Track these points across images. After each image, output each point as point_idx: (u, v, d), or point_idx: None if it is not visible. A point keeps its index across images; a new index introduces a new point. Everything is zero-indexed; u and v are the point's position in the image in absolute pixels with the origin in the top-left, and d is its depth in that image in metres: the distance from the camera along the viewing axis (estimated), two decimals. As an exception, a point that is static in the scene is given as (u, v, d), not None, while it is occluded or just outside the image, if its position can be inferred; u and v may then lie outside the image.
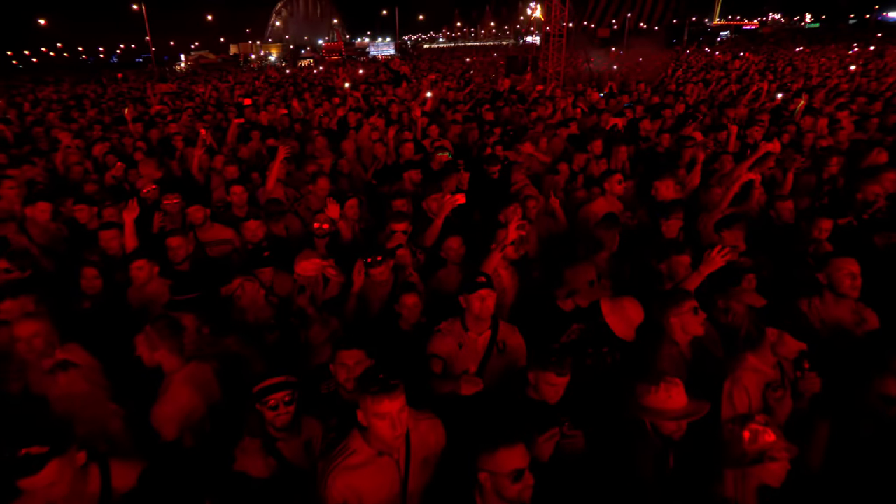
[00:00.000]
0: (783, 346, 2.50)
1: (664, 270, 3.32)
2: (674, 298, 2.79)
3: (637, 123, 7.79)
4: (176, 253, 4.03)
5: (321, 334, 3.29)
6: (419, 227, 4.15)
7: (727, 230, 3.73)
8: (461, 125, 8.37)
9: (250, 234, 4.23)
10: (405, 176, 5.31)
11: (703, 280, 3.00)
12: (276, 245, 4.44)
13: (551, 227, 4.68)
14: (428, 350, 2.90)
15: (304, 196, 5.18)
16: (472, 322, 2.90)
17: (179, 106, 12.04)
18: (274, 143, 7.29)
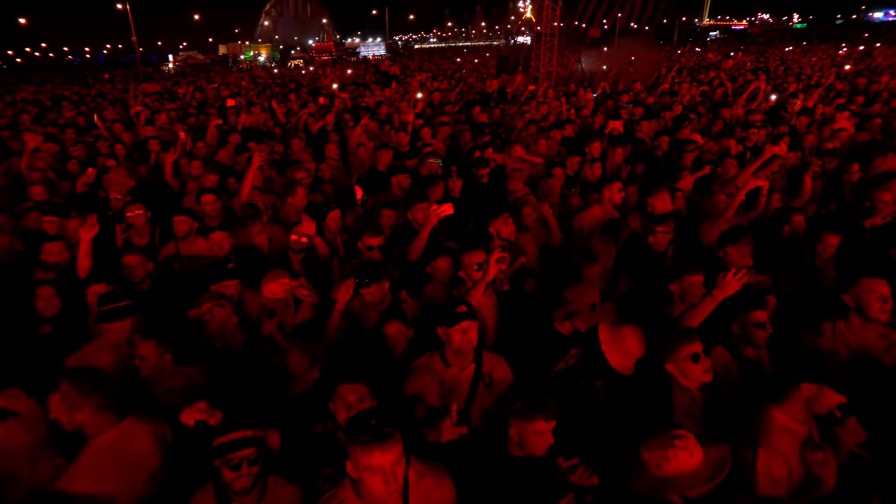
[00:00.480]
0: (822, 401, 2.15)
1: (675, 291, 3.02)
2: (670, 342, 2.46)
3: (635, 125, 7.53)
4: (133, 272, 3.66)
5: (303, 361, 2.97)
6: (405, 238, 3.85)
7: (732, 245, 3.45)
8: (451, 127, 8.08)
9: (216, 247, 3.90)
10: (393, 181, 5.00)
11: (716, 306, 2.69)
12: (252, 258, 4.13)
13: (546, 237, 4.40)
14: (405, 391, 2.56)
15: (282, 206, 4.86)
16: (454, 356, 2.59)
17: (159, 108, 11.63)
18: (255, 147, 6.98)
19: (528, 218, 4.22)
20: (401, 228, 4.15)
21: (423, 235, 3.68)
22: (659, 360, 2.45)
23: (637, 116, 8.36)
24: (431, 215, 3.62)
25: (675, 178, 5.15)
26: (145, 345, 2.76)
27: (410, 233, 3.88)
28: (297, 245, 3.77)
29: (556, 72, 15.58)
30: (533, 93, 11.60)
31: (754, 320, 2.62)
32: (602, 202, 4.60)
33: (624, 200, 4.89)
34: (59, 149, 7.22)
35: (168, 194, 5.66)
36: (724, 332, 2.71)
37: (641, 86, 12.79)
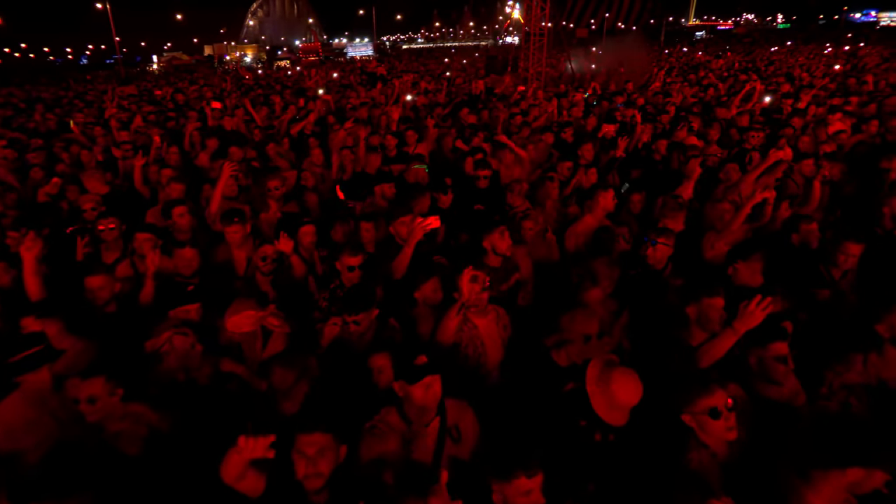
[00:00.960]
0: (869, 483, 1.74)
1: (692, 315, 2.70)
2: (687, 390, 2.13)
3: (630, 128, 7.29)
4: (96, 294, 3.32)
5: (287, 376, 2.65)
6: (388, 254, 3.55)
7: (743, 262, 3.18)
8: (438, 130, 7.79)
9: (184, 265, 3.54)
10: (376, 191, 4.69)
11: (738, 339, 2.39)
12: (225, 277, 3.81)
13: (546, 254, 4.12)
14: (362, 458, 2.21)
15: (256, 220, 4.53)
16: (416, 413, 2.27)
17: (137, 110, 11.20)
18: (235, 151, 6.63)
19: (529, 232, 3.93)
20: (384, 243, 3.86)
21: (407, 251, 3.38)
22: (677, 409, 2.14)
23: (632, 120, 8.13)
24: (416, 229, 3.32)
25: (678, 186, 4.90)
26: (92, 383, 2.43)
27: (393, 248, 3.59)
28: (264, 266, 3.46)
29: (546, 72, 15.39)
30: (523, 93, 11.35)
31: (774, 353, 2.35)
32: (594, 211, 4.33)
33: (626, 209, 4.66)
34: (16, 155, 6.80)
35: (139, 203, 5.31)
36: (740, 366, 2.43)
37: (634, 86, 12.61)
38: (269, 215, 4.39)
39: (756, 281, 3.06)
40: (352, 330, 2.84)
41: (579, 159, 5.96)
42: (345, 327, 2.86)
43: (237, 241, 3.90)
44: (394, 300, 3.33)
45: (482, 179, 5.18)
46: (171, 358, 2.76)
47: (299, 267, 3.59)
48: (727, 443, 2.09)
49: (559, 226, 4.58)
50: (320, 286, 3.65)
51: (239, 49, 70.72)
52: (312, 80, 14.79)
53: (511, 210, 4.61)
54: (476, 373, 2.86)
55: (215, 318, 3.06)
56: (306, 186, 5.73)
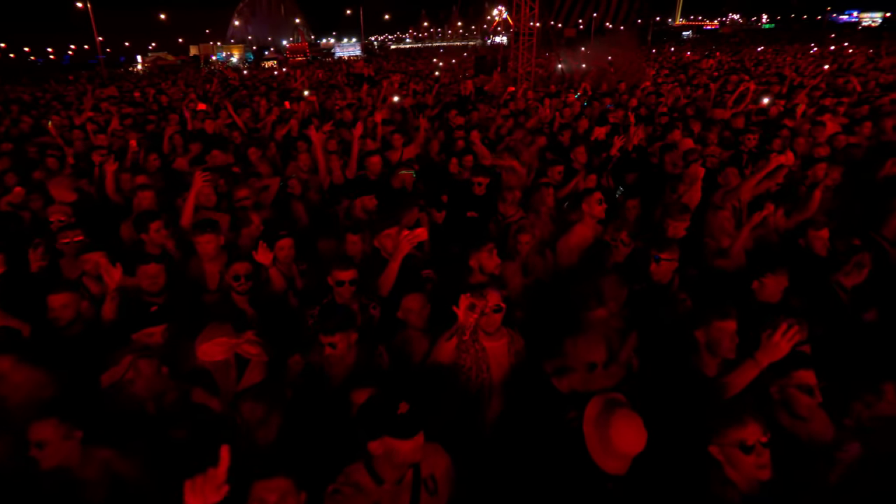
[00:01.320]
0: None
1: (701, 339, 2.47)
2: (715, 420, 1.92)
3: (622, 130, 7.12)
4: (59, 314, 3.05)
5: (256, 408, 2.42)
6: (373, 270, 3.32)
7: (773, 275, 2.94)
8: (427, 132, 7.55)
9: (149, 283, 3.25)
10: (357, 203, 4.43)
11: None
12: (196, 295, 3.55)
13: (544, 269, 3.90)
14: None
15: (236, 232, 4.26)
16: (390, 471, 1.97)
17: (115, 113, 10.82)
18: (219, 155, 6.33)
19: (525, 246, 3.71)
20: (368, 257, 3.63)
21: (393, 267, 3.16)
22: (701, 438, 1.92)
23: (625, 121, 7.97)
24: (403, 242, 3.10)
25: (674, 190, 4.73)
26: (42, 426, 2.17)
27: (378, 263, 3.36)
28: (239, 286, 3.21)
29: (535, 72, 15.21)
30: (512, 94, 11.16)
31: (799, 382, 2.12)
32: (584, 219, 4.10)
33: (622, 216, 4.46)
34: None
35: (113, 213, 5.00)
36: (760, 395, 2.22)
37: (626, 86, 12.47)
38: (251, 229, 4.12)
39: (777, 297, 2.87)
40: (327, 353, 2.60)
41: (572, 163, 5.77)
42: (320, 350, 2.63)
43: (209, 252, 3.63)
44: (384, 322, 3.11)
45: (478, 186, 4.96)
46: (138, 385, 2.50)
47: (278, 281, 3.34)
48: (757, 482, 1.87)
49: (556, 235, 4.38)
50: (302, 302, 3.42)
51: (225, 49, 69.93)
52: (298, 82, 14.46)
53: (504, 220, 4.39)
54: (475, 399, 2.64)
55: (186, 340, 2.81)
56: (293, 194, 5.48)
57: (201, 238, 3.61)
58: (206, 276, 3.63)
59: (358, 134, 5.82)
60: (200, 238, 3.61)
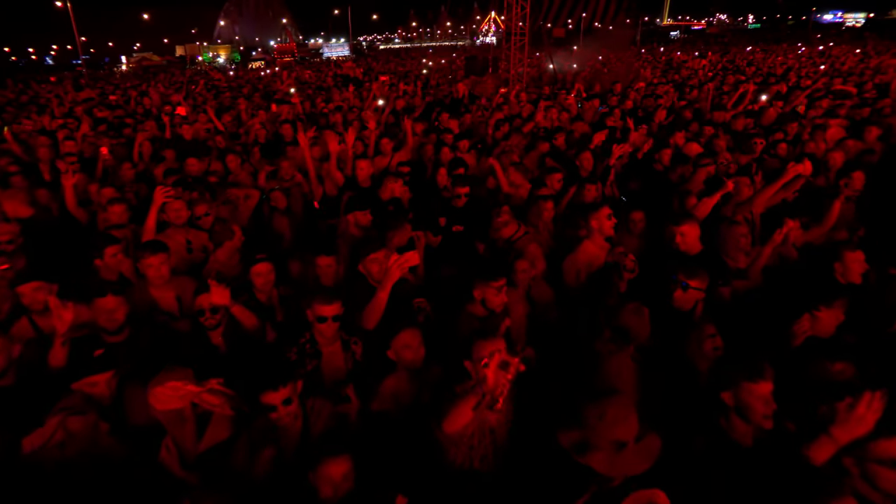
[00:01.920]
0: None
1: (730, 403, 2.02)
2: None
3: (621, 135, 6.80)
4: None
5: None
6: (357, 299, 2.95)
7: (827, 308, 2.59)
8: (418, 137, 7.19)
9: (106, 318, 2.79)
10: (349, 219, 4.03)
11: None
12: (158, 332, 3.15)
13: (547, 296, 3.55)
14: None
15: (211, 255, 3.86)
16: None
17: (94, 115, 10.34)
18: (195, 164, 5.91)
19: (522, 275, 3.36)
20: (351, 283, 3.26)
21: (382, 297, 2.78)
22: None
23: (624, 125, 7.65)
24: (392, 269, 2.74)
25: (682, 199, 4.40)
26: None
27: (363, 290, 3.00)
28: (206, 320, 2.83)
29: (527, 72, 14.90)
30: (505, 96, 10.81)
31: (882, 455, 1.74)
32: (592, 236, 3.76)
33: (625, 229, 4.13)
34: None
35: (74, 230, 4.57)
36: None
37: (621, 87, 12.19)
38: (234, 241, 3.73)
39: (832, 332, 2.54)
40: (272, 417, 2.20)
41: (579, 170, 5.45)
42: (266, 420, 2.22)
43: (157, 277, 3.24)
44: (370, 360, 2.74)
45: (460, 198, 4.60)
46: (70, 449, 2.12)
47: (247, 319, 2.92)
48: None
49: (556, 250, 4.04)
50: (282, 336, 3.03)
51: (212, 49, 68.99)
52: (285, 84, 14.00)
53: (500, 241, 4.02)
54: (480, 468, 2.27)
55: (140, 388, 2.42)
56: (276, 208, 5.08)
57: (146, 261, 3.23)
58: (159, 304, 3.24)
59: (351, 141, 5.45)
60: (145, 261, 3.23)
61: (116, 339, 2.78)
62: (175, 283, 3.32)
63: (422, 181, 6.11)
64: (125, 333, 2.83)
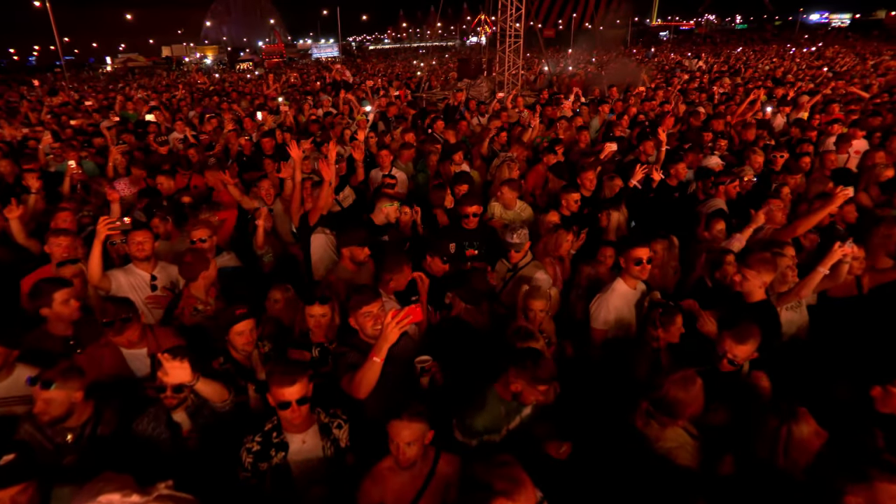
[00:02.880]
0: None
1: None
2: None
3: (629, 146, 6.36)
4: None
5: None
6: (346, 359, 2.46)
7: None
8: (415, 148, 6.67)
9: (50, 411, 2.18)
10: (344, 252, 3.47)
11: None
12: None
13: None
14: None
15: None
16: None
17: (65, 123, 9.70)
18: (166, 181, 5.37)
19: (540, 315, 2.89)
20: (341, 339, 2.76)
21: (376, 363, 2.25)
22: None
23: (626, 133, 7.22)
24: (388, 329, 2.24)
25: (709, 224, 3.95)
26: None
27: (355, 348, 2.50)
28: (167, 399, 2.32)
29: (522, 75, 14.42)
30: (502, 102, 10.34)
31: None
32: (628, 273, 3.21)
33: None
34: None
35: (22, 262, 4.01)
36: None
37: (619, 91, 11.76)
38: (198, 286, 3.22)
39: None
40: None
41: (580, 187, 4.98)
42: None
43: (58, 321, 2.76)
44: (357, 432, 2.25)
45: (469, 219, 4.12)
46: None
47: (216, 395, 2.35)
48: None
49: (579, 288, 3.58)
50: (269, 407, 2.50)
51: (199, 50, 67.91)
52: (271, 88, 13.39)
53: (514, 268, 3.55)
54: None
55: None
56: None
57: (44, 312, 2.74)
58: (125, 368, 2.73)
59: (332, 158, 4.94)
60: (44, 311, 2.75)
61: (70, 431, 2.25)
62: (149, 338, 2.80)
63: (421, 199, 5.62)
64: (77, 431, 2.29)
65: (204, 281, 3.35)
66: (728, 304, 2.94)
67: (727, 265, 3.20)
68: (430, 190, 5.29)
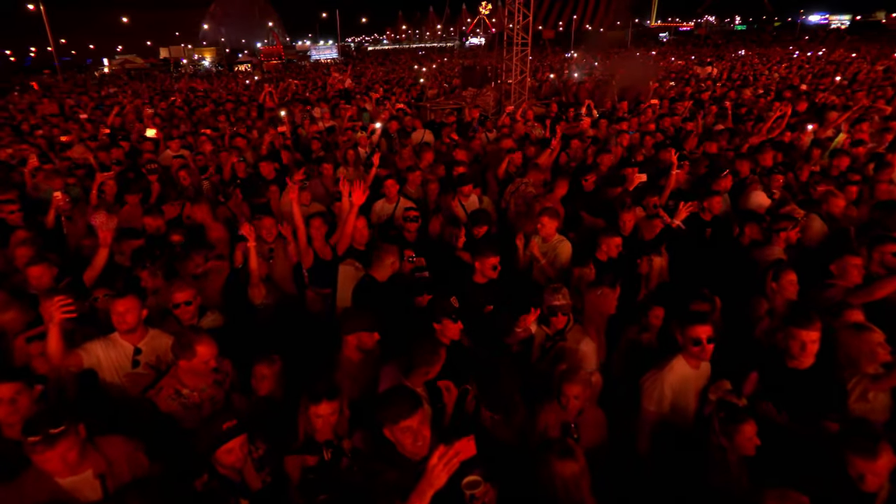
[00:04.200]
0: None
1: None
2: None
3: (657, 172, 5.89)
4: None
5: None
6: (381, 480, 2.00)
7: None
8: (423, 172, 6.22)
9: None
10: (350, 341, 2.96)
11: None
12: None
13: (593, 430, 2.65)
14: None
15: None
16: None
17: (55, 137, 9.22)
18: (153, 222, 4.81)
19: (576, 402, 2.46)
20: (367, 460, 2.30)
21: None
22: None
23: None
24: (435, 472, 1.74)
25: (777, 275, 3.45)
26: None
27: (390, 462, 2.04)
28: None
29: (529, 83, 13.94)
30: (511, 116, 9.84)
31: None
32: (687, 349, 2.78)
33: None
34: None
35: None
36: None
37: (628, 104, 11.26)
38: (192, 363, 2.69)
39: None
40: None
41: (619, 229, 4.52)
42: None
43: None
44: None
45: (488, 271, 3.67)
46: None
47: None
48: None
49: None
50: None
51: (197, 52, 67.34)
52: (273, 100, 12.82)
53: (557, 339, 3.09)
54: None
55: None
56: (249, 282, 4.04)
57: None
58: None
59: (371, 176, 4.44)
60: None
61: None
62: (92, 457, 2.20)
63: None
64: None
65: (199, 361, 2.73)
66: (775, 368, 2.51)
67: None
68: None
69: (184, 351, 2.70)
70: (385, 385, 2.62)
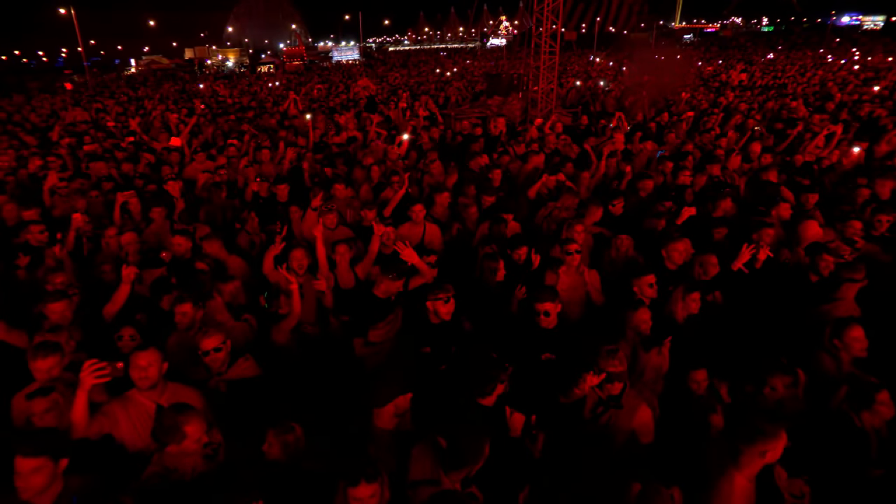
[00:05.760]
0: None
1: None
2: None
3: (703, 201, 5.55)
4: None
5: None
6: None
7: None
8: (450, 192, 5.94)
9: None
10: (388, 410, 2.70)
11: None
12: None
13: None
14: None
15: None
16: None
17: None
18: (183, 244, 4.62)
19: None
20: None
21: None
22: None
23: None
24: None
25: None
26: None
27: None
28: None
29: (555, 91, 13.55)
30: (540, 129, 9.52)
31: None
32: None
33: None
34: None
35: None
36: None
37: (655, 111, 10.84)
38: (181, 446, 2.40)
39: None
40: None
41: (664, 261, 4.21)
42: None
43: None
44: None
45: (541, 316, 3.40)
46: None
47: None
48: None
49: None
50: None
51: (221, 52, 68.26)
52: (298, 107, 12.65)
53: (611, 404, 2.79)
54: None
55: None
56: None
57: None
58: None
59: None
60: None
61: None
62: None
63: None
64: None
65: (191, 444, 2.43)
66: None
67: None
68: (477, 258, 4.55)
69: (170, 436, 2.40)
70: (417, 472, 2.34)
